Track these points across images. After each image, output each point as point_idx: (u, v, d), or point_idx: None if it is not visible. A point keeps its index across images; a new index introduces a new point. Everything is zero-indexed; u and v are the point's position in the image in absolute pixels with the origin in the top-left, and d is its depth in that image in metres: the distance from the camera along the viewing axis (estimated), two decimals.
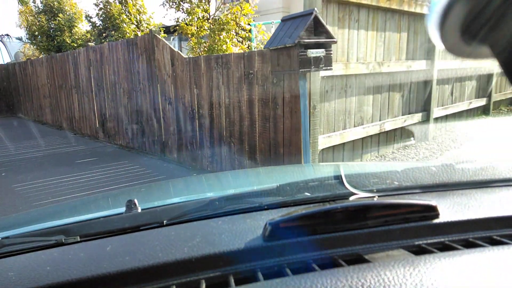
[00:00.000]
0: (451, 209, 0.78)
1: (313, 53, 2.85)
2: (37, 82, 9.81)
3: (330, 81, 3.79)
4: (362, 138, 4.33)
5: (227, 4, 6.74)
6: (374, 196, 0.86)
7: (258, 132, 3.94)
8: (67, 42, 11.09)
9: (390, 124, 4.62)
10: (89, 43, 7.08)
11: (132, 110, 5.86)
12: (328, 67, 2.99)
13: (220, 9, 6.70)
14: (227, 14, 6.28)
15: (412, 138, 5.23)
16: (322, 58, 2.92)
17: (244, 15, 6.44)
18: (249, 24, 7.02)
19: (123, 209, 0.91)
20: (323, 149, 3.83)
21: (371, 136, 4.43)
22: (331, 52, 2.98)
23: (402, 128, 4.90)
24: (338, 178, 0.95)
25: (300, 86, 3.07)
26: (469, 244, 0.68)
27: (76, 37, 11.24)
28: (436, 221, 0.72)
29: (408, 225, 0.70)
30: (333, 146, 3.99)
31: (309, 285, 0.51)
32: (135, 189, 1.87)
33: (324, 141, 3.78)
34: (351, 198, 0.87)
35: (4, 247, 0.76)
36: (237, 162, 4.26)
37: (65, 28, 11.09)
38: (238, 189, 1.35)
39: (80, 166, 5.13)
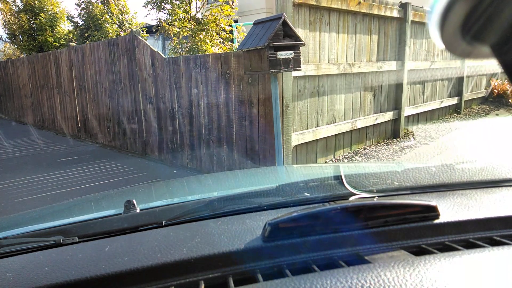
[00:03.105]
0: (451, 209, 0.78)
1: (282, 54, 3.04)
2: (18, 82, 9.76)
3: (303, 81, 3.99)
4: (335, 135, 4.54)
5: (206, 6, 6.88)
6: (374, 197, 0.87)
7: (235, 130, 4.12)
8: (49, 42, 11.04)
9: (362, 122, 4.85)
10: (71, 43, 7.13)
11: (114, 110, 5.96)
12: (297, 68, 3.18)
13: (200, 11, 6.84)
14: (208, 16, 6.43)
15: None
16: (291, 59, 3.11)
17: (225, 16, 6.60)
18: (230, 25, 7.18)
19: (121, 210, 0.91)
20: (296, 145, 4.03)
21: (343, 133, 4.66)
22: (300, 54, 3.17)
23: (374, 125, 5.14)
24: (338, 178, 0.95)
25: (272, 86, 3.25)
26: (469, 245, 0.69)
27: (59, 36, 11.20)
28: (436, 221, 0.72)
29: (408, 226, 0.71)
30: (307, 143, 4.19)
31: (308, 286, 0.51)
32: (133, 189, 1.89)
33: (297, 137, 3.98)
34: (351, 198, 0.87)
35: (2, 248, 0.76)
36: (216, 159, 4.43)
37: (47, 27, 11.03)
38: (237, 189, 1.35)
39: (62, 165, 5.21)
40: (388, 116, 5.33)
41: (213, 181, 1.67)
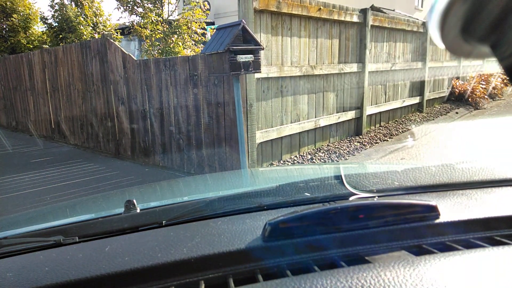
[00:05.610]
0: (451, 209, 0.78)
1: (242, 58, 3.28)
2: None
3: (266, 82, 4.25)
4: (299, 133, 4.83)
5: (181, 8, 7.08)
6: (374, 196, 0.87)
7: (203, 128, 4.34)
8: (22, 43, 10.94)
9: (325, 121, 5.15)
10: (44, 46, 7.18)
11: (87, 111, 6.08)
12: (257, 70, 3.43)
13: (172, 14, 7.03)
14: (179, 19, 6.63)
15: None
16: (251, 62, 3.36)
17: (197, 19, 6.81)
18: (203, 28, 7.40)
19: (122, 210, 0.92)
20: (261, 143, 4.29)
21: (307, 131, 4.94)
22: (259, 57, 3.43)
23: (337, 123, 5.46)
24: (338, 178, 0.96)
25: (234, 87, 3.50)
26: (469, 245, 0.69)
27: (32, 38, 11.11)
28: (436, 221, 0.72)
29: (409, 225, 0.71)
30: (272, 140, 4.46)
31: (308, 286, 0.51)
32: (134, 189, 1.90)
33: (262, 135, 4.23)
34: (351, 198, 0.88)
35: (2, 248, 0.76)
36: (186, 157, 4.64)
37: (20, 29, 10.93)
38: (238, 189, 1.35)
39: (35, 165, 5.30)
40: (351, 115, 5.67)
41: (213, 181, 1.68)
